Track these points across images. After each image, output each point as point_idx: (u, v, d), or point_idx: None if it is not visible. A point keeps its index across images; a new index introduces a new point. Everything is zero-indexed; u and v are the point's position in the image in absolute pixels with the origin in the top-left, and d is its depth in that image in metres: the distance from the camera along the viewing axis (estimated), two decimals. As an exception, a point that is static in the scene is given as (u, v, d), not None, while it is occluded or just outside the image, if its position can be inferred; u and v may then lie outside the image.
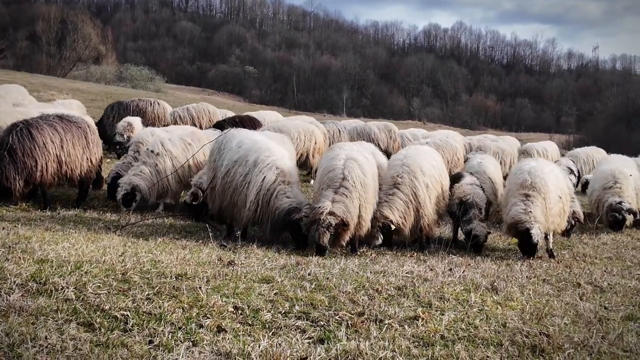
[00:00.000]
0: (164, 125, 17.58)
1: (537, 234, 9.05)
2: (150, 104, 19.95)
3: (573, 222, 11.15)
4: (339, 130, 19.59)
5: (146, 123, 17.90)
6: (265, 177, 8.99)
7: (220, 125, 16.16)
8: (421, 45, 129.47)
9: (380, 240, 9.11)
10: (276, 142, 10.14)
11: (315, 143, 16.04)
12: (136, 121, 17.38)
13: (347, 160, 8.92)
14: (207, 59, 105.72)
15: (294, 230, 8.83)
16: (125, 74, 70.12)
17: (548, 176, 9.63)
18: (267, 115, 22.18)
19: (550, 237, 9.89)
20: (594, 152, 20.84)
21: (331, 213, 8.31)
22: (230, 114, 21.52)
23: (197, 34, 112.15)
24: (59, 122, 11.22)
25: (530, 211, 9.18)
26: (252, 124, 16.88)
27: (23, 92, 20.08)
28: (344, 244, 8.70)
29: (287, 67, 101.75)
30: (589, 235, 11.82)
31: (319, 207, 8.40)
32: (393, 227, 9.07)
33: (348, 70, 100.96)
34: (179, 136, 12.21)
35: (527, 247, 9.20)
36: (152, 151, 11.71)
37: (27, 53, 72.32)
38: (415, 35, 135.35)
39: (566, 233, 11.16)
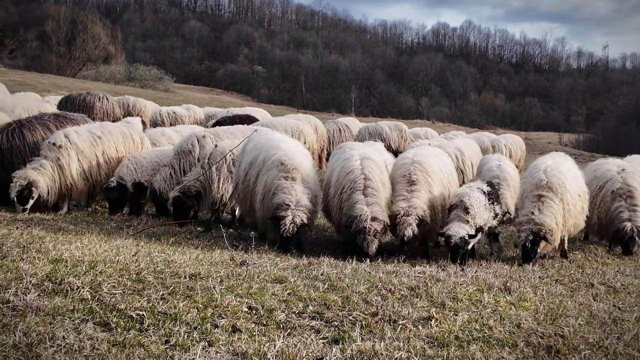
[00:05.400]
0: (112, 121, 17.06)
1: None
2: (99, 99, 19.14)
3: None
4: (340, 129, 19.61)
5: (93, 118, 16.57)
6: (269, 174, 8.73)
7: (220, 124, 16.12)
8: (430, 45, 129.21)
9: (415, 230, 8.38)
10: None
11: (305, 142, 15.61)
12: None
13: (362, 159, 8.82)
14: (215, 58, 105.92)
15: (276, 227, 8.38)
16: (134, 74, 70.46)
17: (566, 175, 9.19)
18: (253, 112, 21.73)
19: (566, 238, 9.71)
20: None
21: (374, 219, 8.21)
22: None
23: (206, 33, 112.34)
24: (54, 121, 11.21)
25: (532, 212, 8.77)
26: (251, 123, 16.76)
27: (3, 90, 19.90)
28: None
29: (295, 67, 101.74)
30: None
31: (360, 215, 8.23)
32: (428, 224, 8.63)
33: (356, 70, 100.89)
34: (87, 129, 11.01)
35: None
36: (54, 144, 10.39)
37: (37, 53, 72.80)
38: (424, 35, 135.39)
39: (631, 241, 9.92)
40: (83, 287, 5.22)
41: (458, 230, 8.34)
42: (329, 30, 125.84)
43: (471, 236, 8.39)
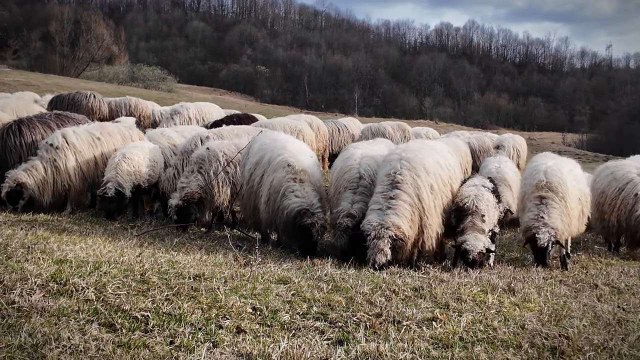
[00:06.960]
0: (99, 118, 16.97)
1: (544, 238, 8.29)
2: (86, 97, 19.17)
3: None
4: (339, 129, 19.60)
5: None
6: (275, 175, 8.59)
7: (219, 123, 16.10)
8: (433, 44, 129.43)
9: (388, 257, 7.31)
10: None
11: (303, 141, 15.43)
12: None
13: (362, 158, 8.70)
14: (218, 58, 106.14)
15: (304, 235, 8.18)
16: (137, 74, 70.59)
17: (566, 176, 8.95)
18: (206, 107, 20.88)
19: (569, 240, 9.43)
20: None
21: (349, 215, 8.11)
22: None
23: (209, 33, 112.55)
24: (54, 120, 11.16)
25: (542, 217, 8.50)
26: (250, 123, 16.67)
27: None
28: None
29: (298, 67, 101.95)
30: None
31: (338, 211, 8.19)
32: (407, 242, 7.46)
33: (359, 70, 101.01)
34: (85, 129, 10.82)
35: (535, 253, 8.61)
36: (51, 145, 10.25)
37: (40, 53, 72.89)
38: (427, 34, 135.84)
39: None
40: (88, 288, 5.24)
41: (476, 243, 7.68)
42: (332, 30, 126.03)
43: (488, 250, 7.86)
